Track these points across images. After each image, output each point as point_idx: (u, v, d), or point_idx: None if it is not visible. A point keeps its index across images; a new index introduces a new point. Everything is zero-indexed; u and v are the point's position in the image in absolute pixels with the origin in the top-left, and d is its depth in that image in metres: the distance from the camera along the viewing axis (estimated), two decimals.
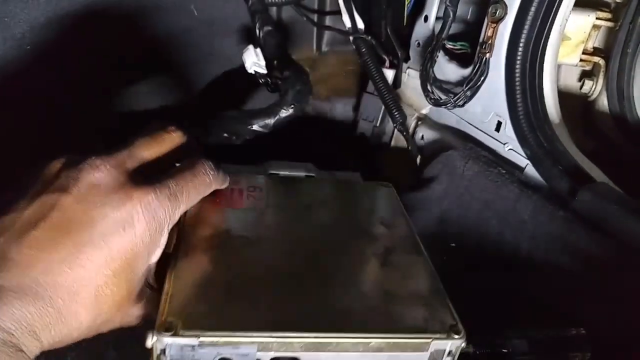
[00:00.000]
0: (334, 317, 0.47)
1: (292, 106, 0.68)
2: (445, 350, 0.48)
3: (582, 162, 0.67)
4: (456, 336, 0.47)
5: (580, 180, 0.65)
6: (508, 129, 0.72)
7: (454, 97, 0.77)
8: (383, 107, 0.85)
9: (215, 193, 0.60)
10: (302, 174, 0.70)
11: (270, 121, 0.68)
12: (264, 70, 0.74)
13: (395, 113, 0.80)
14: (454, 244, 0.72)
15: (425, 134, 0.85)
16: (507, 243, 0.67)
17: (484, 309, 0.62)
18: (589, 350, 0.54)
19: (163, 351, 0.44)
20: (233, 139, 0.69)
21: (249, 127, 0.68)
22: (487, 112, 0.75)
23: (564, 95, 0.81)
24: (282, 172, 0.69)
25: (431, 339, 0.47)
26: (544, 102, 0.70)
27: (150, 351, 0.45)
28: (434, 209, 0.75)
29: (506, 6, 0.68)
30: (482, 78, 0.74)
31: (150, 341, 0.44)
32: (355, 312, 0.48)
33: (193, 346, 0.44)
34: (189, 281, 0.49)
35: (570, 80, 0.85)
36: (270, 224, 0.59)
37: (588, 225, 0.60)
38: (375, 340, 0.46)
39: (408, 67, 0.89)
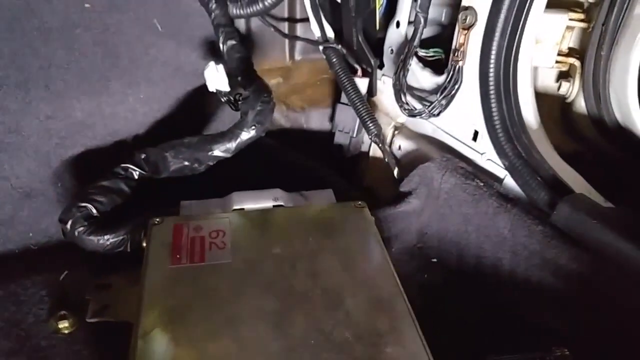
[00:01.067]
0: None
1: (253, 127, 0.66)
2: None
3: (561, 171, 0.65)
4: None
5: (559, 191, 0.62)
6: (485, 139, 0.70)
7: (429, 106, 0.75)
8: (358, 119, 0.82)
9: (175, 248, 0.57)
10: (270, 204, 0.66)
11: (232, 145, 0.66)
12: (226, 89, 0.71)
13: (370, 125, 0.77)
14: (435, 259, 0.70)
15: (402, 144, 0.83)
16: (488, 258, 0.65)
17: (466, 329, 0.60)
18: None
19: None
20: (195, 167, 0.66)
21: (209, 152, 0.65)
22: (463, 122, 0.73)
23: (543, 97, 0.79)
24: (247, 206, 0.66)
25: None
26: (520, 109, 0.68)
27: None
28: (414, 224, 0.73)
29: (476, 13, 0.66)
30: (456, 86, 0.71)
31: None
32: None
33: None
34: None
35: (548, 82, 0.82)
36: (235, 277, 0.55)
37: (567, 240, 0.58)
38: None
39: (383, 75, 0.86)
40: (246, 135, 0.67)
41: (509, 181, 0.68)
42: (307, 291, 0.54)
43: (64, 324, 0.56)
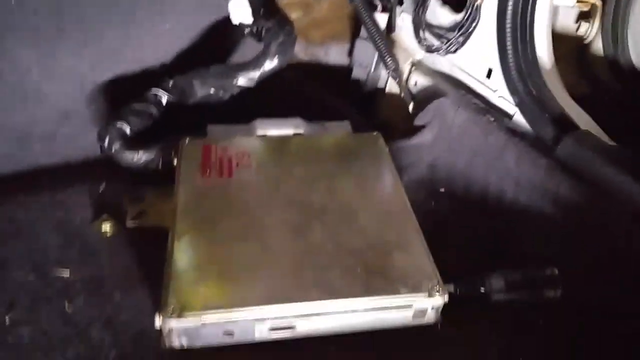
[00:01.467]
0: (323, 284, 0.51)
1: (276, 58, 0.69)
2: (428, 308, 0.52)
3: (570, 110, 0.68)
4: (437, 295, 0.52)
5: (565, 128, 0.66)
6: (498, 76, 0.73)
7: (446, 43, 0.77)
8: (377, 54, 0.85)
9: (204, 165, 0.62)
10: (290, 131, 0.71)
11: (255, 74, 0.69)
12: (249, 21, 0.74)
13: (388, 59, 0.80)
14: (442, 189, 0.75)
15: (418, 80, 0.86)
16: (493, 189, 0.70)
17: (469, 252, 0.66)
18: (560, 287, 0.58)
19: (171, 330, 0.48)
20: (220, 94, 0.70)
21: (234, 81, 0.69)
22: (479, 59, 0.76)
23: (560, 38, 0.81)
24: (269, 132, 0.70)
25: (413, 299, 0.51)
26: (535, 48, 0.70)
27: (160, 331, 0.50)
28: (425, 156, 0.77)
29: None
30: (473, 24, 0.73)
31: (158, 323, 0.48)
32: (343, 277, 0.52)
33: (197, 327, 0.48)
34: (189, 262, 0.53)
35: (568, 22, 0.83)
36: (260, 192, 0.61)
37: (569, 173, 0.62)
38: (362, 303, 0.51)
39: (402, 11, 0.88)
40: (269, 65, 0.70)
41: (519, 117, 0.71)
42: (324, 207, 0.59)
43: (106, 227, 0.62)
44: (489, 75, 0.75)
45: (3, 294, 0.56)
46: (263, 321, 0.49)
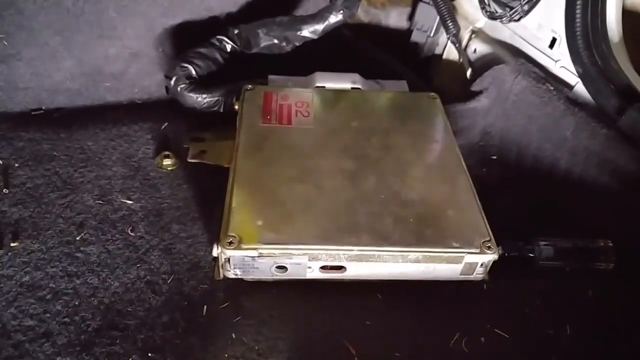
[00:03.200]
0: (376, 230, 0.53)
1: (342, 12, 0.69)
2: (477, 263, 0.53)
3: (636, 82, 0.67)
4: (489, 251, 0.52)
5: (630, 100, 0.65)
6: (562, 46, 0.72)
7: (511, 11, 0.76)
8: (438, 18, 0.84)
9: (265, 111, 0.64)
10: (349, 86, 0.72)
11: (320, 27, 0.70)
12: None
13: (450, 24, 0.80)
14: (494, 157, 0.75)
15: (477, 48, 0.85)
16: (547, 158, 0.69)
17: (518, 218, 0.66)
18: (613, 261, 0.57)
19: (227, 260, 0.51)
20: (282, 45, 0.72)
21: (298, 32, 0.70)
22: (543, 28, 0.74)
23: (630, 14, 0.78)
24: (328, 85, 0.71)
25: (465, 254, 0.52)
26: (605, 17, 0.69)
27: (216, 259, 0.53)
28: (480, 121, 0.77)
29: None
30: None
31: (216, 252, 0.51)
32: (395, 225, 0.53)
33: (253, 257, 0.51)
34: (248, 197, 0.55)
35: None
36: (318, 140, 0.63)
37: (630, 143, 0.61)
38: (412, 253, 0.52)
39: None
40: (334, 18, 0.71)
41: (580, 88, 0.70)
42: (380, 159, 0.60)
43: (167, 162, 0.65)
44: (551, 45, 0.74)
45: (75, 214, 0.59)
46: (315, 260, 0.51)
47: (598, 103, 0.67)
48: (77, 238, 0.57)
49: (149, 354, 0.48)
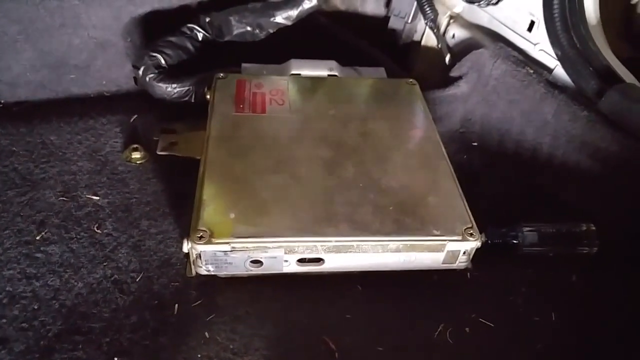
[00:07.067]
0: (355, 220, 0.50)
1: None
2: (460, 251, 0.51)
3: (615, 64, 0.66)
4: (471, 238, 0.51)
5: (609, 82, 0.64)
6: (541, 29, 0.70)
7: None
8: (415, 3, 0.82)
9: (238, 100, 0.61)
10: (325, 73, 0.69)
11: (294, 12, 0.68)
12: None
13: (427, 9, 0.78)
14: (475, 143, 0.74)
15: (456, 33, 0.83)
16: (528, 142, 0.68)
17: (501, 204, 0.64)
18: (596, 245, 0.56)
19: (199, 255, 0.48)
20: (256, 32, 0.69)
21: (271, 19, 0.67)
22: (521, 11, 0.73)
23: None
24: (304, 72, 0.69)
25: (446, 241, 0.50)
26: (583, 1, 0.68)
27: (187, 256, 0.50)
28: (460, 107, 0.75)
29: None
30: None
31: (186, 247, 0.48)
32: (374, 215, 0.51)
33: (225, 252, 0.48)
34: (220, 189, 0.52)
35: None
36: (293, 128, 0.60)
37: (611, 125, 0.60)
38: (393, 242, 0.50)
39: None
40: (308, 3, 0.69)
41: (559, 71, 0.69)
42: (357, 146, 0.58)
43: (136, 155, 0.62)
44: (530, 28, 0.73)
45: (35, 212, 0.56)
46: (292, 252, 0.49)
47: (577, 85, 0.66)
48: (37, 237, 0.54)
49: (115, 358, 0.45)
